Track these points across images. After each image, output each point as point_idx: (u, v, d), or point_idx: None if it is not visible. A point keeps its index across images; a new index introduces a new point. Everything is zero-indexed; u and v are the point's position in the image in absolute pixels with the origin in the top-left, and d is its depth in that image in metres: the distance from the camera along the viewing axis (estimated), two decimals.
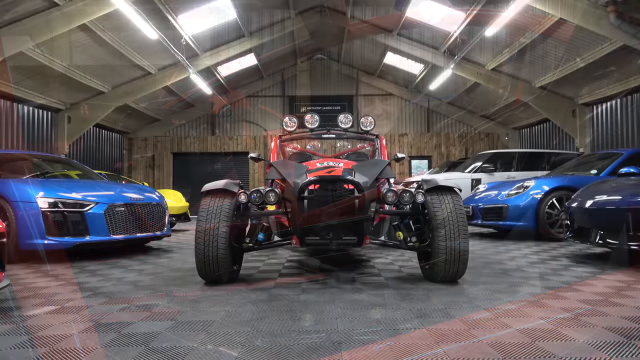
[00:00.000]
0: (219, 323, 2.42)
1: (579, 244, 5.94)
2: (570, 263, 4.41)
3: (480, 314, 2.54)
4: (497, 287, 3.30)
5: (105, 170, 13.61)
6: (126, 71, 12.04)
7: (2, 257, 2.81)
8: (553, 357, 1.88)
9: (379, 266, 4.32)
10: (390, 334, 2.21)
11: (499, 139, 16.95)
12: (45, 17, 8.37)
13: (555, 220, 6.40)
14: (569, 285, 3.35)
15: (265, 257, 5.01)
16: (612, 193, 4.31)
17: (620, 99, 10.85)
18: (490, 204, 6.94)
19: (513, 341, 2.08)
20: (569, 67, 10.46)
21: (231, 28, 12.23)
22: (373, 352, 1.97)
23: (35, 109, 11.46)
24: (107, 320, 2.51)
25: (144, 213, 5.50)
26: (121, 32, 10.14)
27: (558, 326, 2.30)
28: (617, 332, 2.19)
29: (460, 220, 3.28)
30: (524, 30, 9.99)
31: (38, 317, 2.58)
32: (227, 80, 15.73)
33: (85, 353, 2.00)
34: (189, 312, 2.66)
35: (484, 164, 9.76)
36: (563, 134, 13.35)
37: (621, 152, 6.89)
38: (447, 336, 2.16)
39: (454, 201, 3.35)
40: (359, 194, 3.15)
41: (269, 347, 2.05)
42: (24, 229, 4.71)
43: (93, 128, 14.08)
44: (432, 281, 3.48)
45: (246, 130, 17.26)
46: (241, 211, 3.61)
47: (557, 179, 6.64)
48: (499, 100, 14.39)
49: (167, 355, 1.96)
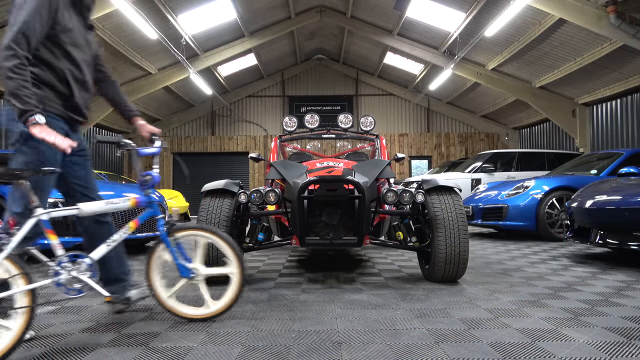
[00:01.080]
0: (219, 323, 2.43)
1: (579, 244, 5.95)
2: (570, 263, 4.41)
3: (480, 314, 2.54)
4: (497, 287, 3.30)
5: (105, 170, 13.62)
6: (126, 71, 12.04)
7: None
8: (553, 357, 1.88)
9: (379, 266, 4.32)
10: (390, 334, 2.21)
11: (499, 139, 16.95)
12: None
13: (555, 220, 6.41)
14: (569, 285, 3.35)
15: (265, 257, 5.01)
16: (612, 193, 4.31)
17: (620, 99, 10.85)
18: (490, 204, 6.94)
19: (513, 341, 2.08)
20: (569, 67, 10.46)
21: (231, 28, 12.23)
22: (373, 352, 1.98)
23: None
24: (107, 320, 2.51)
25: None
26: (121, 32, 10.14)
27: (558, 326, 2.30)
28: (617, 332, 2.19)
29: (460, 220, 3.28)
30: (524, 30, 9.99)
31: (38, 317, 2.58)
32: (227, 80, 15.74)
33: (85, 353, 2.00)
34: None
35: (484, 164, 9.77)
36: (563, 134, 13.35)
37: (621, 152, 6.89)
38: (447, 336, 2.16)
39: (454, 201, 3.35)
40: (359, 194, 3.15)
41: (269, 347, 2.05)
42: None
43: (93, 128, 14.09)
44: (432, 281, 3.48)
45: (246, 130, 17.26)
46: (241, 211, 3.62)
47: (557, 179, 6.64)
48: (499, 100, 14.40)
49: (167, 355, 1.96)
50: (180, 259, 2.38)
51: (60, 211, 2.17)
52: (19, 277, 1.91)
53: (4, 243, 1.92)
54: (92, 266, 2.17)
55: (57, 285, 2.08)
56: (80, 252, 2.15)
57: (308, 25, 13.88)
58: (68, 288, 2.09)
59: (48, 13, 2.06)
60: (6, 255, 1.90)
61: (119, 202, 2.29)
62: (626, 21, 7.89)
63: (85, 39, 2.32)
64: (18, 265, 1.91)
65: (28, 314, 1.91)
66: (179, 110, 16.84)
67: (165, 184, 16.41)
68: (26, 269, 1.92)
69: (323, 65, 17.44)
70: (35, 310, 1.95)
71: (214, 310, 2.43)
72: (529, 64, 11.40)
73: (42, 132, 1.96)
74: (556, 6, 8.36)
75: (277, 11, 12.42)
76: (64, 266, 2.10)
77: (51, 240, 2.11)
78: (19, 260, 1.92)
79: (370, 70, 17.05)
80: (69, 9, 2.22)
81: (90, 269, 2.15)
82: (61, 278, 2.08)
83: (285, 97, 17.41)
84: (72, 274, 2.10)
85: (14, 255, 1.93)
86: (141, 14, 8.81)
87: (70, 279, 2.10)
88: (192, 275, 2.39)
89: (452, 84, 14.73)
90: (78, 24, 2.27)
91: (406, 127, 17.45)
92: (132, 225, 2.31)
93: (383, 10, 11.82)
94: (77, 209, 2.19)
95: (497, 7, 9.26)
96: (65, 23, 2.15)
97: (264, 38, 13.05)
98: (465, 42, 11.20)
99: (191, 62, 12.50)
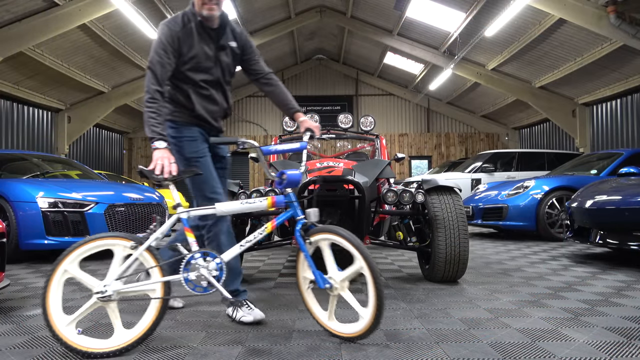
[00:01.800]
0: (219, 323, 2.43)
1: (579, 244, 5.95)
2: (570, 263, 4.41)
3: (480, 314, 2.54)
4: (497, 287, 3.30)
5: (105, 170, 13.62)
6: (126, 71, 12.04)
7: (2, 257, 2.81)
8: (553, 357, 1.88)
9: (379, 266, 4.32)
10: (390, 334, 2.21)
11: (499, 139, 16.95)
12: (45, 17, 8.37)
13: (555, 220, 6.40)
14: (569, 285, 3.35)
15: (265, 257, 5.01)
16: (612, 193, 4.31)
17: (620, 99, 10.84)
18: (490, 204, 6.94)
19: (513, 341, 2.08)
20: (569, 67, 10.46)
21: None
22: (373, 352, 1.97)
23: (35, 109, 11.46)
24: (107, 321, 2.51)
25: (144, 213, 5.50)
26: (121, 32, 10.14)
27: (558, 326, 2.30)
28: (617, 332, 2.19)
29: (460, 220, 3.28)
30: (524, 30, 9.99)
31: (38, 317, 2.58)
32: None
33: None
34: (188, 312, 2.66)
35: (484, 164, 9.76)
36: (563, 134, 13.34)
37: (621, 152, 6.89)
38: (447, 336, 2.16)
39: (454, 201, 3.35)
40: (359, 194, 3.14)
41: (269, 348, 2.05)
42: (24, 229, 4.71)
43: (93, 128, 14.09)
44: (432, 281, 3.48)
45: (246, 130, 17.26)
46: None
47: (557, 179, 6.64)
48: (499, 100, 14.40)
49: (167, 355, 1.96)
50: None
51: (198, 210, 2.23)
52: (155, 269, 2.04)
53: (145, 237, 2.08)
54: (221, 266, 2.12)
55: (186, 281, 2.07)
56: (210, 251, 2.14)
57: (308, 25, 13.88)
58: (195, 285, 2.08)
59: (168, 50, 2.41)
60: (145, 247, 2.04)
61: (255, 202, 2.23)
62: (626, 21, 7.89)
63: (214, 59, 2.56)
64: (155, 258, 2.05)
65: (161, 304, 2.00)
66: None
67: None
68: (162, 261, 2.05)
69: (323, 65, 17.44)
70: (168, 303, 2.05)
71: (367, 322, 2.03)
72: (529, 64, 11.40)
73: (155, 155, 2.26)
74: (556, 6, 8.36)
75: (277, 11, 12.41)
76: (195, 263, 2.10)
77: (188, 237, 2.14)
78: (158, 254, 2.07)
79: (370, 70, 17.05)
80: (191, 37, 2.49)
81: (218, 269, 2.11)
82: (190, 274, 2.08)
83: None
84: (201, 271, 2.08)
85: (152, 248, 2.06)
86: (141, 14, 8.81)
87: (199, 276, 2.08)
88: (330, 285, 2.13)
89: (452, 84, 14.73)
90: (203, 49, 2.51)
91: (406, 127, 17.45)
92: (270, 226, 2.24)
93: (383, 10, 11.82)
94: (214, 208, 2.20)
95: (497, 7, 9.25)
96: (186, 52, 2.47)
97: (264, 38, 13.05)
98: (465, 42, 11.19)
99: None
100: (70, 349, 1.93)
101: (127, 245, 2.05)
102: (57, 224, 4.77)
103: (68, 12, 8.45)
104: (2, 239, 2.82)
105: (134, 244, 2.04)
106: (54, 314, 1.96)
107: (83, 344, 1.94)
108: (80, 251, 2.02)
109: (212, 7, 2.44)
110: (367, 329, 2.02)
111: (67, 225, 4.81)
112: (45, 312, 1.95)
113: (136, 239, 2.06)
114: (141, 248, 2.03)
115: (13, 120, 10.71)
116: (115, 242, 2.05)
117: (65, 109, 12.19)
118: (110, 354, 1.93)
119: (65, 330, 1.95)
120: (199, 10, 2.46)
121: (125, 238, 2.06)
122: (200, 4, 2.45)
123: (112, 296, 1.99)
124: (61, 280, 2.01)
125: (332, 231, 2.13)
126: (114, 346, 1.94)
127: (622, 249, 4.11)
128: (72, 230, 4.83)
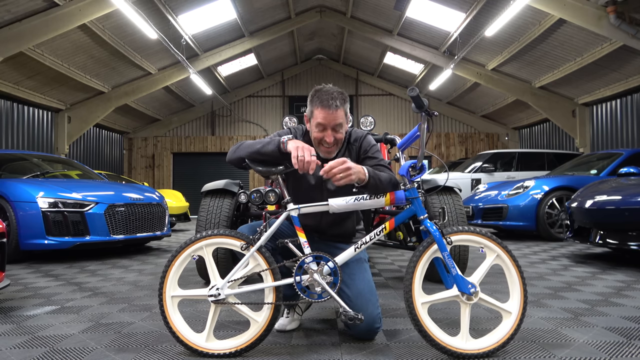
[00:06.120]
0: (219, 323, 2.43)
1: (579, 244, 5.95)
2: (570, 263, 4.41)
3: (480, 314, 2.54)
4: (497, 287, 3.30)
5: (105, 170, 13.62)
6: (126, 71, 12.04)
7: (3, 257, 2.81)
8: (553, 357, 1.88)
9: (379, 266, 4.32)
10: (390, 334, 2.21)
11: (499, 139, 16.95)
12: (45, 17, 8.37)
13: (555, 220, 6.41)
14: (569, 285, 3.35)
15: None
16: (612, 193, 4.31)
17: (620, 99, 10.84)
18: (490, 204, 6.94)
19: (513, 341, 2.08)
20: (569, 67, 10.46)
21: (231, 28, 12.22)
22: (373, 352, 1.98)
23: (35, 109, 11.46)
24: (107, 320, 2.51)
25: (144, 213, 5.50)
26: (121, 32, 10.14)
27: (558, 326, 2.30)
28: (617, 332, 2.19)
29: (460, 220, 3.28)
30: (523, 30, 9.99)
31: (38, 317, 2.58)
32: (227, 80, 15.73)
33: (86, 353, 2.00)
34: (189, 312, 2.66)
35: (484, 164, 9.77)
36: (563, 134, 13.34)
37: (621, 152, 6.89)
38: None
39: (454, 201, 3.35)
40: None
41: (269, 348, 2.05)
42: (24, 229, 4.71)
43: (93, 128, 14.07)
44: (432, 281, 3.48)
45: (246, 130, 17.26)
46: (241, 211, 3.62)
47: (557, 179, 6.64)
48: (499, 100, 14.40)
49: (167, 355, 1.96)
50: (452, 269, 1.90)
51: (310, 207, 2.03)
52: (267, 272, 1.98)
53: (256, 238, 1.98)
54: (335, 271, 1.94)
55: (298, 286, 1.94)
56: (324, 254, 1.96)
57: (308, 25, 13.87)
58: (309, 291, 1.94)
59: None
60: (257, 248, 1.96)
61: (369, 199, 2.03)
62: (626, 21, 7.88)
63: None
64: (267, 260, 1.98)
65: (272, 308, 1.96)
66: (179, 110, 16.84)
67: (165, 184, 16.41)
68: (274, 264, 1.98)
69: (323, 65, 17.43)
70: (280, 308, 1.99)
71: (503, 336, 1.89)
72: (529, 64, 11.40)
73: (291, 145, 2.01)
74: (556, 6, 8.36)
75: (277, 11, 12.41)
76: (307, 268, 1.95)
77: (300, 238, 2.00)
78: (269, 256, 1.99)
79: (370, 70, 17.05)
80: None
81: (331, 274, 1.94)
82: (303, 279, 1.94)
83: (285, 97, 17.41)
84: (314, 276, 1.93)
85: (263, 249, 1.99)
86: (141, 14, 8.80)
87: (312, 281, 1.93)
88: (474, 292, 1.88)
89: (452, 84, 14.73)
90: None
91: (406, 127, 17.45)
92: (388, 226, 2.02)
93: (383, 10, 11.81)
94: (327, 204, 2.03)
95: (497, 7, 9.25)
96: None
97: (264, 38, 13.05)
98: (465, 42, 11.19)
99: (191, 62, 12.50)
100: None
101: (237, 245, 1.99)
102: (57, 224, 4.78)
103: (68, 12, 8.44)
104: (2, 239, 2.82)
105: (244, 244, 1.97)
106: (178, 325, 1.97)
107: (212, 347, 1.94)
108: (194, 248, 1.99)
109: (330, 151, 2.21)
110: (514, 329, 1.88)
111: (67, 225, 4.82)
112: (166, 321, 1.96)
113: (247, 239, 1.99)
114: (253, 249, 1.96)
115: (13, 120, 10.71)
116: (227, 241, 2.00)
117: (65, 109, 12.18)
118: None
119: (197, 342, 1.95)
120: (315, 146, 2.22)
121: (236, 237, 2.00)
122: (317, 143, 2.20)
123: (226, 299, 1.96)
124: (175, 277, 2.00)
125: (475, 232, 1.96)
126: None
127: (622, 249, 4.11)
128: (72, 230, 4.84)
